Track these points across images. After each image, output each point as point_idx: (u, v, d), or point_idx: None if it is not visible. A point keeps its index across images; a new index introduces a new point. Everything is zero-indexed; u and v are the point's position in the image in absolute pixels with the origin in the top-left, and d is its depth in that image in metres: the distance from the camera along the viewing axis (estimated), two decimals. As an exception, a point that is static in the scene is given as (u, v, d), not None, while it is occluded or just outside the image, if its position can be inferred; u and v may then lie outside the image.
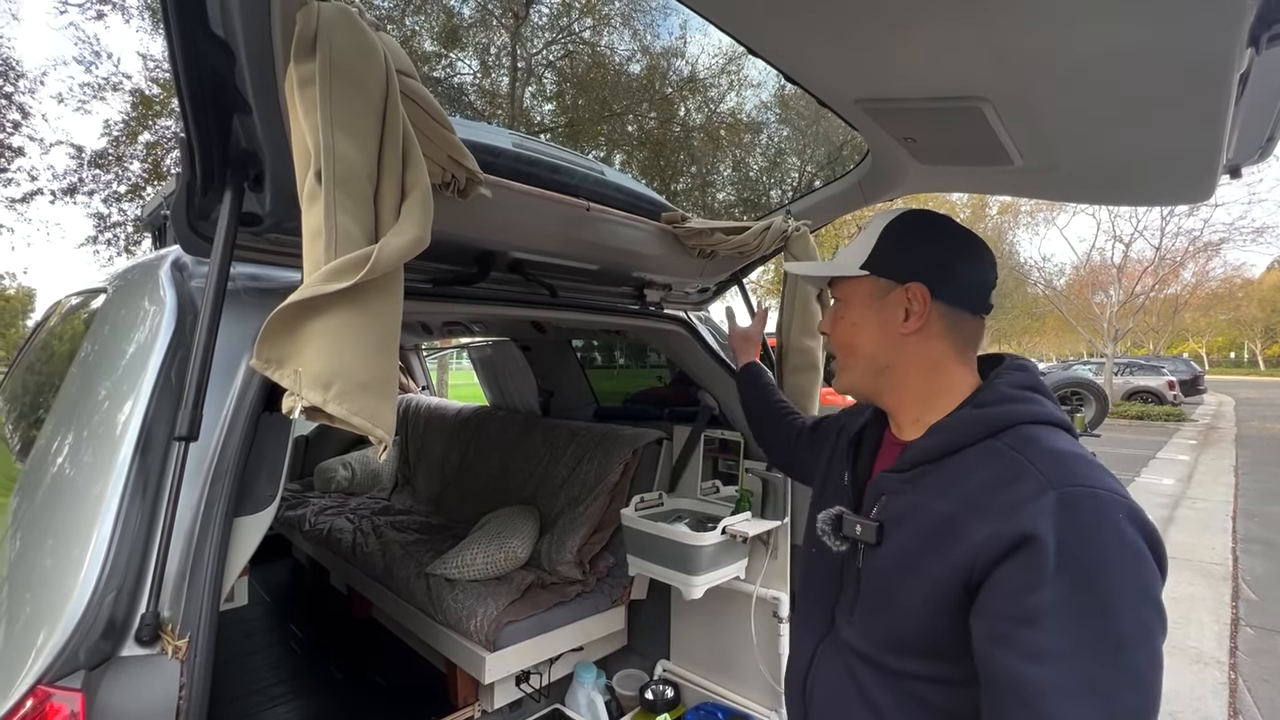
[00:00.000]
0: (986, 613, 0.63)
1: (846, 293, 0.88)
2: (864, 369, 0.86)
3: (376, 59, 0.78)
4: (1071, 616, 0.57)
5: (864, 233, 0.87)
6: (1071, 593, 0.58)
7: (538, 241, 1.51)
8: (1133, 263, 17.60)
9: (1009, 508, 0.63)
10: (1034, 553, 0.59)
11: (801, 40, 1.03)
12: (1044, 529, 0.60)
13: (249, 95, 0.86)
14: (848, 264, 0.86)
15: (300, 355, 0.66)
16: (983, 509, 0.65)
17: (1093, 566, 0.58)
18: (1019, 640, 0.59)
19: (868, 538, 0.76)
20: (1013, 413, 0.73)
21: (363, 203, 0.72)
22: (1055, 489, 0.62)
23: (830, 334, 0.91)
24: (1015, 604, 0.60)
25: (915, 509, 0.73)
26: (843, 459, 0.94)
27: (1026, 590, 0.59)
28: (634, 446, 2.35)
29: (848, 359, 0.88)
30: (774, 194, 13.19)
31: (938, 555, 0.68)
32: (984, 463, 0.70)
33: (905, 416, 0.85)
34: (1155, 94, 0.84)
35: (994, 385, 0.78)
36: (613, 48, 11.95)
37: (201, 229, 1.04)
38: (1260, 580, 4.61)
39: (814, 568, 0.92)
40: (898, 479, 0.78)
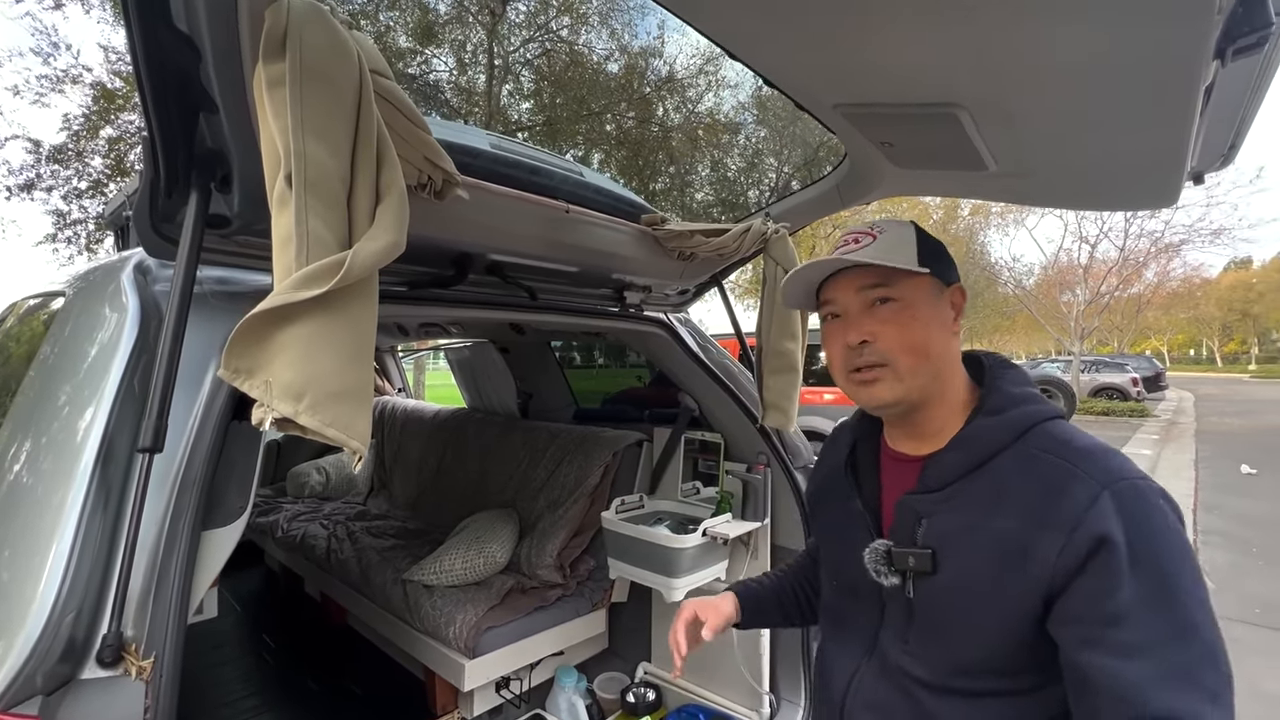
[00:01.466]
0: (1071, 619, 0.64)
1: (907, 293, 0.79)
2: (931, 373, 0.78)
3: (349, 58, 0.76)
4: (1152, 611, 0.60)
5: (886, 236, 0.81)
6: (1148, 588, 0.60)
7: (516, 244, 1.49)
8: (1098, 263, 18.11)
9: (1074, 516, 0.64)
10: (1109, 555, 0.62)
11: (780, 44, 1.04)
12: (1113, 530, 0.62)
13: (215, 93, 0.84)
14: (902, 260, 0.77)
15: (270, 365, 0.64)
16: (1048, 522, 0.66)
17: (1160, 558, 0.61)
18: (1108, 640, 0.61)
19: (923, 567, 0.73)
20: (1030, 414, 0.74)
21: (335, 207, 0.70)
22: (1106, 487, 0.64)
23: (891, 336, 0.78)
24: (1099, 607, 0.62)
25: (970, 530, 0.71)
26: (845, 488, 0.90)
27: (1108, 593, 0.61)
28: (614, 449, 2.34)
29: (918, 363, 0.77)
30: (752, 194, 13.28)
31: (1011, 576, 0.67)
32: (1024, 471, 0.70)
33: (933, 425, 0.81)
34: (1125, 104, 0.86)
35: (999, 388, 0.79)
36: (590, 46, 11.91)
37: (166, 231, 1.00)
38: (1219, 570, 4.78)
39: (850, 599, 0.87)
40: (932, 499, 0.76)
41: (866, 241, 0.81)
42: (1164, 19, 0.64)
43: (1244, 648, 3.52)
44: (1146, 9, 0.63)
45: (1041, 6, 0.73)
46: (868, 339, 0.79)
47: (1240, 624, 3.84)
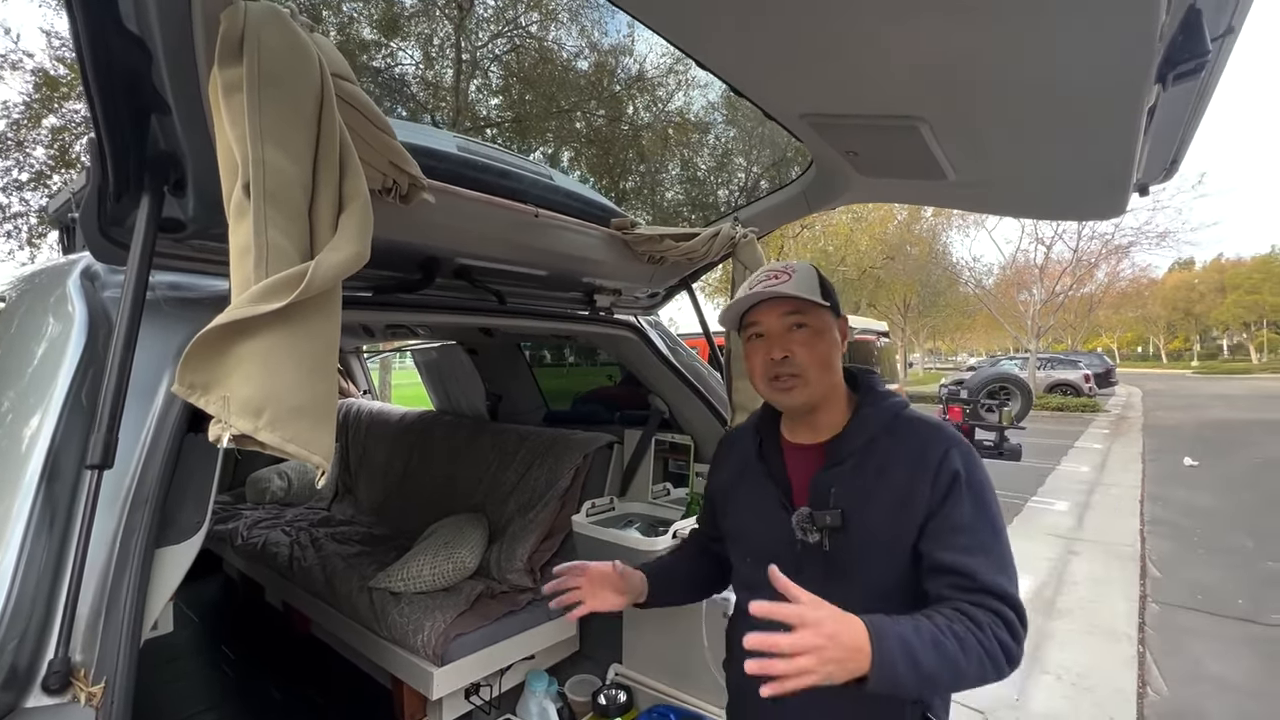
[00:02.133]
0: (932, 532, 0.91)
1: (815, 320, 1.04)
2: (830, 382, 1.05)
3: (309, 62, 0.74)
4: (981, 522, 0.91)
5: (799, 275, 1.05)
6: (977, 507, 0.91)
7: (484, 247, 1.48)
8: (1053, 264, 18.80)
9: (938, 462, 0.93)
10: (958, 485, 0.92)
11: (748, 55, 1.05)
12: (960, 469, 0.93)
13: (168, 95, 0.81)
14: (813, 296, 1.03)
15: (228, 380, 0.62)
16: (922, 469, 0.94)
17: (983, 489, 0.93)
18: (956, 543, 0.89)
19: (836, 523, 0.95)
20: (897, 404, 1.05)
21: (296, 216, 0.69)
22: (953, 445, 0.96)
23: (805, 354, 1.02)
24: (949, 521, 0.90)
25: (868, 491, 0.96)
26: (760, 474, 1.11)
27: (956, 511, 0.91)
28: (585, 451, 2.34)
29: (822, 374, 1.03)
30: (722, 193, 13.37)
31: (901, 517, 0.93)
32: (900, 441, 0.98)
33: (826, 420, 1.06)
34: (1076, 121, 0.90)
35: (873, 390, 1.08)
36: (560, 43, 11.81)
37: (115, 235, 0.96)
38: (1165, 559, 5.01)
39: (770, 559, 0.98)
40: (837, 471, 1.00)
41: (784, 279, 1.04)
42: (1110, 47, 0.67)
43: (1189, 633, 3.71)
44: (1094, 38, 0.66)
45: (998, 30, 0.76)
46: (788, 355, 1.02)
47: (1184, 610, 4.04)
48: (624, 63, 12.23)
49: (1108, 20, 0.63)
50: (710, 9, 0.92)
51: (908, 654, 0.76)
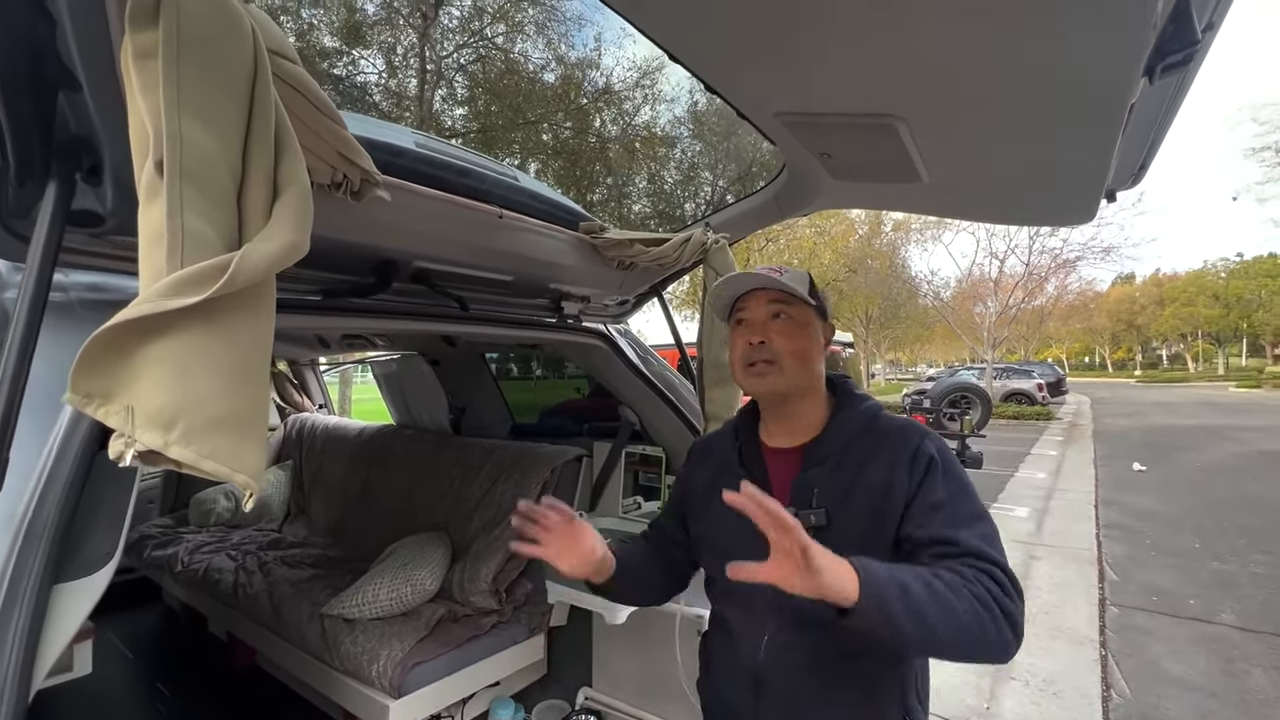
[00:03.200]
0: (913, 514, 0.92)
1: (798, 314, 1.06)
2: (806, 375, 1.06)
3: (241, 32, 0.66)
4: (961, 500, 0.92)
5: (790, 274, 1.07)
6: (955, 487, 0.93)
7: (445, 250, 1.40)
8: (1006, 277, 19.49)
9: (913, 452, 0.96)
10: (933, 468, 0.94)
11: (723, 50, 1.01)
12: (934, 454, 0.95)
13: (77, 69, 0.71)
14: (800, 290, 1.06)
15: (133, 387, 0.53)
16: (898, 461, 0.96)
17: (958, 471, 0.96)
18: (937, 519, 0.90)
19: (820, 523, 0.95)
20: (873, 408, 1.07)
21: (221, 202, 0.60)
22: (925, 436, 0.99)
23: (782, 342, 1.04)
24: (928, 500, 0.92)
25: (849, 488, 0.97)
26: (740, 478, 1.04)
27: (934, 491, 0.92)
28: (552, 465, 2.25)
29: (798, 364, 1.04)
30: (688, 207, 13.48)
31: (883, 510, 0.94)
32: (878, 440, 1.00)
33: (804, 420, 1.08)
34: (1059, 115, 0.88)
35: (850, 394, 1.10)
36: (526, 55, 11.78)
37: (19, 229, 0.86)
38: (1120, 562, 5.15)
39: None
40: (818, 472, 1.01)
41: (776, 274, 1.06)
42: (1103, 32, 0.64)
43: (1145, 635, 3.79)
44: (1087, 22, 0.63)
45: (985, 17, 0.73)
46: (765, 340, 1.05)
47: (1140, 612, 4.14)
48: (591, 76, 12.26)
49: (1105, 9, 0.60)
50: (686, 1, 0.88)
51: (895, 580, 0.77)
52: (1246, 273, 44.49)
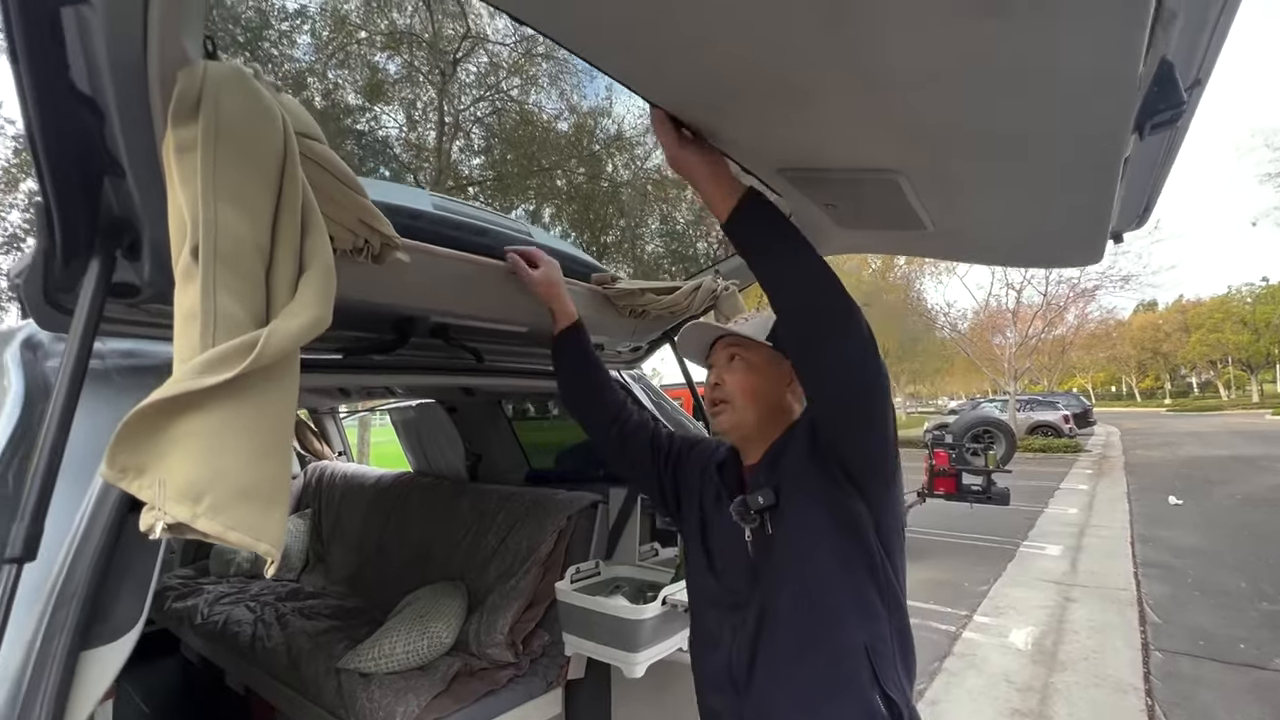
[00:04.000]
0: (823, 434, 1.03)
1: (751, 356, 1.16)
2: (759, 411, 1.14)
3: (272, 123, 0.71)
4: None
5: (754, 320, 1.20)
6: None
7: (462, 305, 1.44)
8: (1024, 308, 19.31)
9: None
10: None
11: (724, 112, 1.05)
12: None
13: (122, 158, 0.77)
14: (757, 335, 1.16)
15: (165, 461, 0.56)
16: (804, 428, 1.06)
17: None
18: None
19: (769, 500, 1.03)
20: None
21: (251, 280, 0.64)
22: None
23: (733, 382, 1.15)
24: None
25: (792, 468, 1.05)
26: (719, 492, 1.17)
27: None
28: (568, 512, 2.24)
29: (748, 402, 1.13)
30: (700, 245, 13.68)
31: (820, 462, 1.01)
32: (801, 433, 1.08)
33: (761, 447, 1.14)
34: (1056, 171, 0.90)
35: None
36: (540, 106, 12.22)
37: (63, 302, 0.91)
38: (1161, 603, 4.93)
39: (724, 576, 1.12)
40: (766, 468, 1.10)
41: (741, 321, 1.20)
42: (1091, 98, 0.66)
43: (1194, 682, 3.60)
44: (1073, 87, 0.65)
45: (977, 81, 0.76)
46: (719, 383, 1.16)
47: (1186, 657, 3.94)
48: (603, 123, 12.66)
49: (1088, 73, 0.62)
50: (685, 69, 0.92)
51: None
52: (1273, 297, 43.56)
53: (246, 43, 8.20)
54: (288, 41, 8.86)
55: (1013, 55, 0.65)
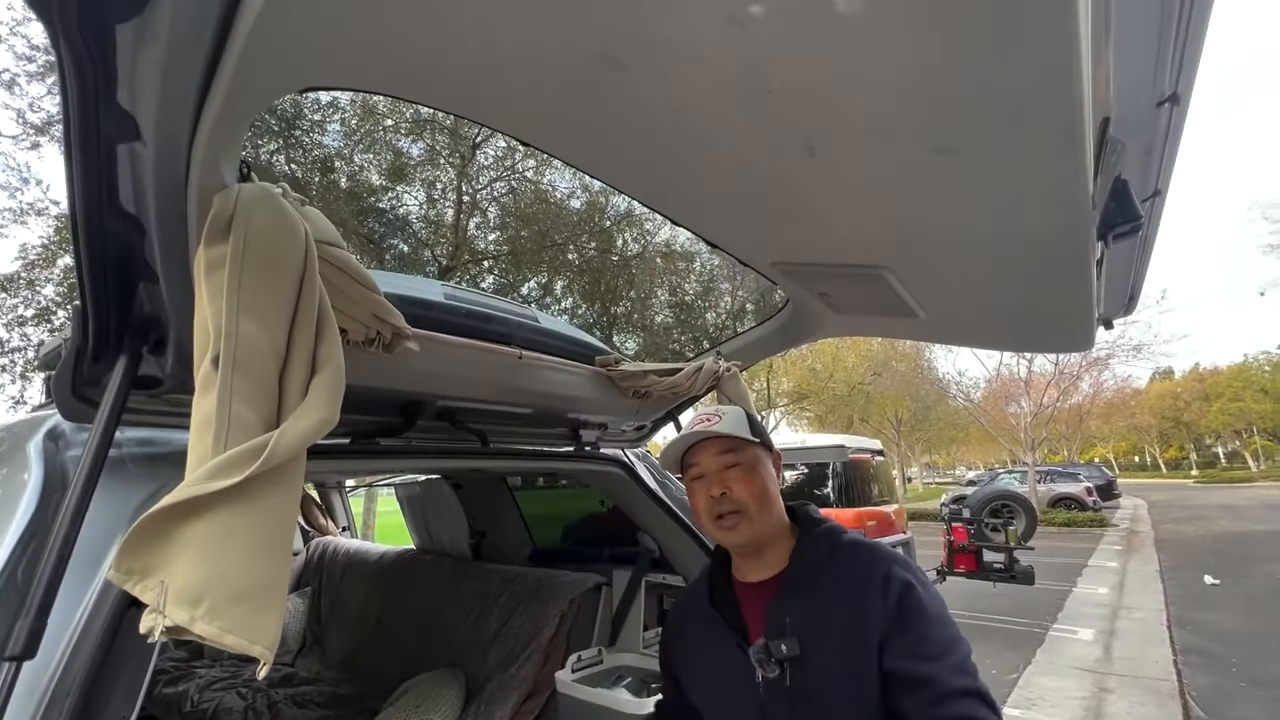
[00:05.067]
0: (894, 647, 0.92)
1: (748, 457, 1.08)
2: (773, 514, 1.07)
3: (296, 238, 0.77)
4: (937, 630, 0.93)
5: (729, 416, 1.11)
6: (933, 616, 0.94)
7: (468, 390, 1.48)
8: (1036, 377, 19.16)
9: (884, 582, 0.96)
10: (910, 597, 0.94)
11: (718, 214, 1.12)
12: (909, 580, 0.96)
13: (157, 267, 0.84)
14: (741, 433, 1.08)
15: (170, 564, 0.58)
16: (869, 591, 0.95)
17: (933, 597, 0.96)
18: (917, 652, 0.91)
19: (794, 651, 0.95)
20: (833, 529, 1.09)
21: (265, 386, 0.68)
22: (893, 562, 0.99)
23: (743, 488, 1.06)
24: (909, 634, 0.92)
25: (823, 618, 0.97)
26: (713, 620, 1.09)
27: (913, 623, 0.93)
28: (571, 595, 2.19)
29: (763, 506, 1.06)
30: (709, 316, 13.95)
31: (858, 639, 0.93)
32: (845, 567, 1.01)
33: (773, 554, 1.08)
34: (1034, 271, 0.94)
35: (811, 519, 1.12)
36: (554, 185, 12.83)
37: (88, 394, 0.96)
38: (1205, 695, 4.61)
39: (733, 710, 1.05)
40: (791, 600, 1.00)
41: (716, 420, 1.09)
42: (1053, 212, 0.71)
43: (1247, 788, 3.31)
44: (1034, 207, 0.70)
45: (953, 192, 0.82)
46: (726, 491, 1.05)
47: (1238, 759, 3.64)
48: (613, 200, 13.22)
49: (1045, 190, 0.67)
50: (680, 176, 1.00)
51: None
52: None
53: (280, 130, 8.79)
54: (320, 129, 9.46)
55: (972, 180, 0.71)
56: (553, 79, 0.74)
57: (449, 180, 11.72)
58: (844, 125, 0.63)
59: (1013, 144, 0.56)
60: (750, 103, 0.67)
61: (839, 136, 0.67)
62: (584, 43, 0.65)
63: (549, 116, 0.82)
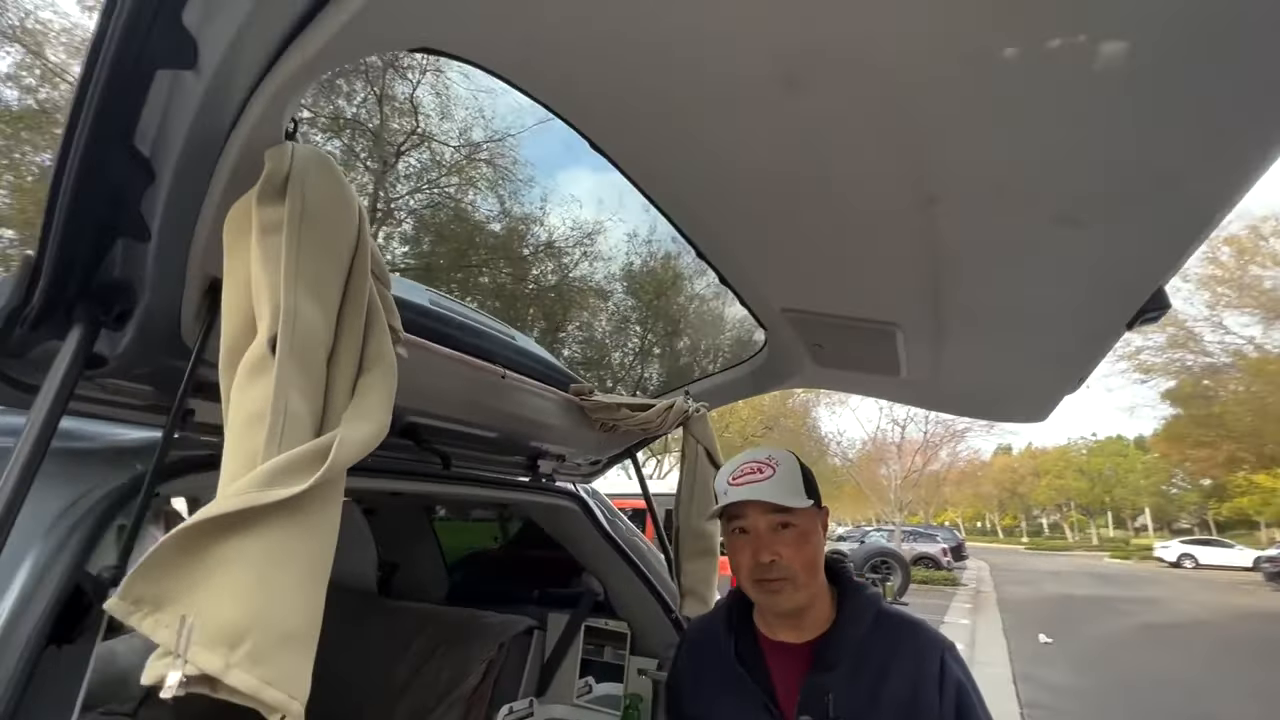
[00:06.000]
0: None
1: (801, 521, 1.02)
2: (819, 582, 1.03)
3: (351, 211, 0.67)
4: (984, 716, 0.94)
5: (782, 469, 1.03)
6: (979, 705, 0.95)
7: (442, 406, 1.35)
8: (908, 443, 21.00)
9: (938, 673, 0.94)
10: (965, 695, 0.94)
11: (749, 254, 1.12)
12: (962, 679, 0.95)
13: (154, 222, 0.69)
14: (796, 497, 1.02)
15: (195, 594, 0.45)
16: (923, 678, 0.93)
17: (976, 690, 0.97)
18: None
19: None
20: (873, 598, 1.05)
21: (316, 378, 0.57)
22: (944, 649, 0.98)
23: (792, 556, 0.99)
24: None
25: (871, 699, 0.93)
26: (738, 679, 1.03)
27: (967, 715, 0.93)
28: (500, 639, 2.01)
29: (811, 576, 1.01)
30: (616, 355, 14.08)
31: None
32: (890, 644, 0.98)
33: (813, 616, 1.03)
34: (1049, 345, 1.02)
35: (850, 581, 1.07)
36: (475, 206, 12.58)
37: (11, 370, 0.76)
38: (1049, 746, 5.06)
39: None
40: (833, 676, 0.96)
41: (768, 473, 1.02)
42: (1112, 293, 0.77)
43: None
44: (1106, 285, 0.76)
45: (993, 263, 0.87)
46: (775, 558, 0.99)
47: (1080, 806, 4.00)
48: (534, 230, 13.17)
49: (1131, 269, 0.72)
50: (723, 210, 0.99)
51: None
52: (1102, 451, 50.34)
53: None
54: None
55: (1044, 247, 0.75)
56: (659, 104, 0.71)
57: (363, 184, 11.14)
58: (966, 188, 0.65)
59: (1140, 219, 0.60)
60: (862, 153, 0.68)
61: (954, 198, 0.69)
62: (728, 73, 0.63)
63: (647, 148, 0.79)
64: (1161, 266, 0.68)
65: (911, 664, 0.95)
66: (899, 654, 0.96)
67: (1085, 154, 0.63)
